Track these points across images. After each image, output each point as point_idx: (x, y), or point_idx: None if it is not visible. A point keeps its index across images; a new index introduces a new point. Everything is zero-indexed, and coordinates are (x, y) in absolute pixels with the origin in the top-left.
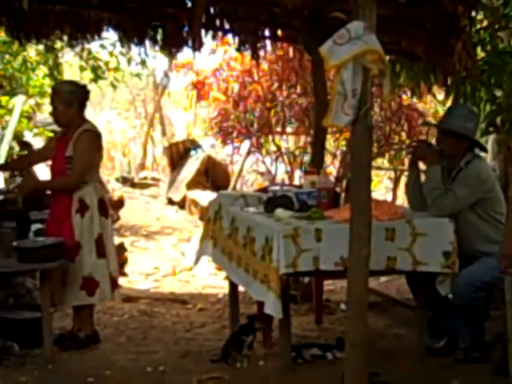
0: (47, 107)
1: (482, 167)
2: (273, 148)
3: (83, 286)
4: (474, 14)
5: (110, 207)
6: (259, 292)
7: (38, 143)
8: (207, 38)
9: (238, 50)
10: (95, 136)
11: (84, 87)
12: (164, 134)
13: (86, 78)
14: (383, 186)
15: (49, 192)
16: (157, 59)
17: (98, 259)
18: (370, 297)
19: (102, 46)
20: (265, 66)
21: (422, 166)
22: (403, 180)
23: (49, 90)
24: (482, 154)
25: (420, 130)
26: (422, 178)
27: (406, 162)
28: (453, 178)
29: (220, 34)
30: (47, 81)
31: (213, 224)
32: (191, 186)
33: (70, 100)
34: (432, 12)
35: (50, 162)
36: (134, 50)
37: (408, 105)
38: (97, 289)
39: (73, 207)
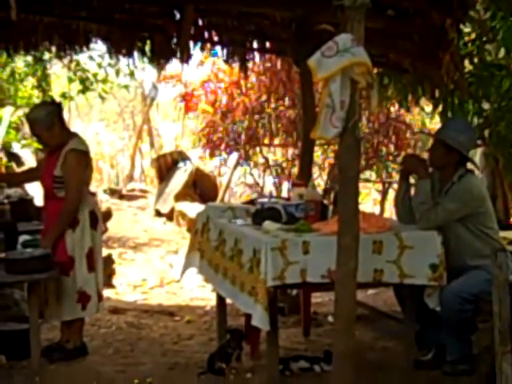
0: None
1: (474, 183)
2: (261, 160)
3: (79, 300)
4: (461, 26)
5: (100, 219)
6: (246, 304)
7: (26, 154)
8: (195, 50)
9: (226, 61)
10: (81, 154)
11: (54, 103)
12: (152, 145)
13: (73, 89)
14: (371, 199)
15: (41, 205)
16: (145, 71)
17: (89, 273)
18: (358, 309)
19: (91, 58)
20: (253, 78)
21: (412, 179)
22: (391, 192)
23: (37, 101)
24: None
25: (408, 142)
26: (412, 191)
27: (394, 174)
28: (445, 192)
29: (208, 45)
30: (35, 92)
31: (200, 236)
32: (179, 197)
33: (50, 122)
34: (420, 25)
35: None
36: (123, 61)
37: (396, 117)
38: (88, 303)
39: None
